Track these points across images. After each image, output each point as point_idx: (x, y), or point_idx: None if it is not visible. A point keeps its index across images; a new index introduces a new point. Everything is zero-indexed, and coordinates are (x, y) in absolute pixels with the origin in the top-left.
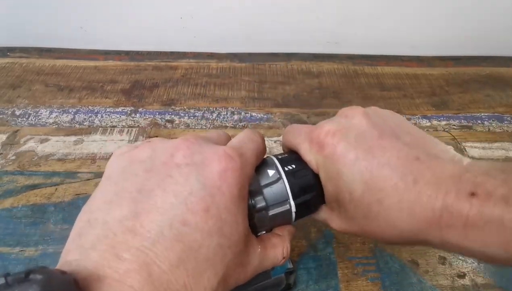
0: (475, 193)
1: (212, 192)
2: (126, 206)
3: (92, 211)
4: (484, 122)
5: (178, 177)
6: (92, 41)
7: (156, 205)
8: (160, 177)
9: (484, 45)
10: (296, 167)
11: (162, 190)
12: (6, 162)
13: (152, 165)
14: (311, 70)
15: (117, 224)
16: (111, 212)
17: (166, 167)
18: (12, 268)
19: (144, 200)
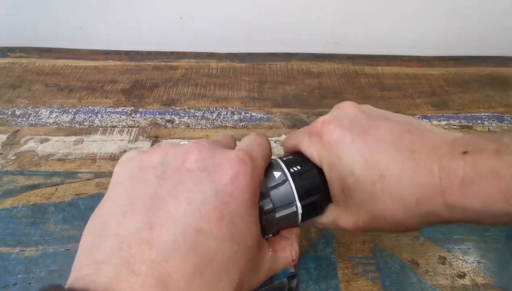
0: (467, 151)
1: (225, 198)
2: (139, 216)
3: (104, 222)
4: (484, 122)
5: (191, 184)
6: (92, 41)
7: (169, 213)
8: (172, 184)
9: (484, 45)
10: (302, 168)
11: (175, 197)
12: (6, 162)
13: (164, 170)
14: (311, 70)
15: (132, 236)
16: (124, 222)
17: (178, 173)
18: (12, 268)
19: (157, 209)
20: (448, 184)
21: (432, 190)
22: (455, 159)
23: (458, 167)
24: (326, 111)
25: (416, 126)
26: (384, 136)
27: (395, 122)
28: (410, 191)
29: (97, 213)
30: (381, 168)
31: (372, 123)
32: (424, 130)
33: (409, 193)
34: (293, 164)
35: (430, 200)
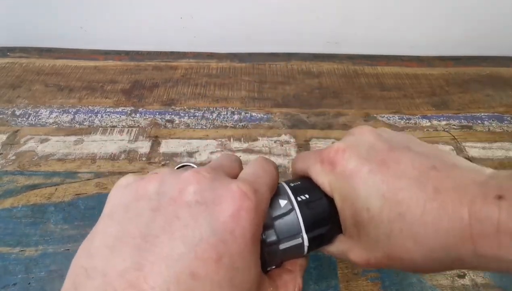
0: (503, 196)
1: (224, 237)
2: (128, 255)
3: (91, 256)
4: (484, 122)
5: (187, 219)
6: (92, 41)
7: (162, 254)
8: (167, 218)
9: (484, 45)
10: (310, 196)
11: (169, 234)
12: (6, 162)
13: (159, 202)
14: (311, 70)
15: (118, 277)
16: (111, 260)
17: (174, 205)
18: (12, 268)
19: (148, 248)
20: (480, 232)
21: (460, 237)
22: (488, 203)
23: (493, 214)
24: (326, 111)
25: (442, 161)
26: (405, 170)
27: (419, 154)
28: (433, 236)
29: (87, 245)
30: (400, 207)
31: (392, 155)
32: (451, 166)
33: (432, 237)
34: (301, 191)
35: (457, 247)
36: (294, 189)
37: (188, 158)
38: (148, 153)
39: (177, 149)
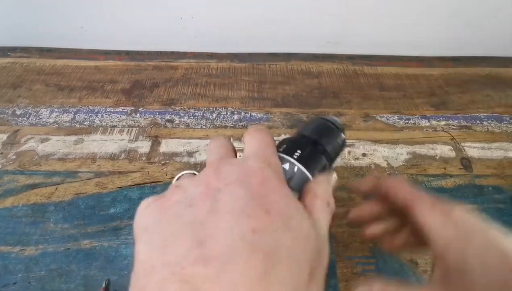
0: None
1: (262, 198)
2: (185, 239)
3: (146, 267)
4: (483, 122)
5: (225, 198)
6: (93, 41)
7: (217, 226)
8: (206, 206)
9: (484, 45)
10: (300, 150)
11: (215, 214)
12: (6, 161)
13: (192, 199)
14: (311, 70)
15: (182, 258)
16: (168, 252)
17: (207, 195)
18: (13, 267)
19: (201, 228)
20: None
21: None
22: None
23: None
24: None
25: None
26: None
27: None
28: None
29: (136, 267)
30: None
31: None
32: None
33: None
34: (292, 150)
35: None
36: (286, 152)
37: (188, 158)
38: (148, 153)
39: (177, 149)
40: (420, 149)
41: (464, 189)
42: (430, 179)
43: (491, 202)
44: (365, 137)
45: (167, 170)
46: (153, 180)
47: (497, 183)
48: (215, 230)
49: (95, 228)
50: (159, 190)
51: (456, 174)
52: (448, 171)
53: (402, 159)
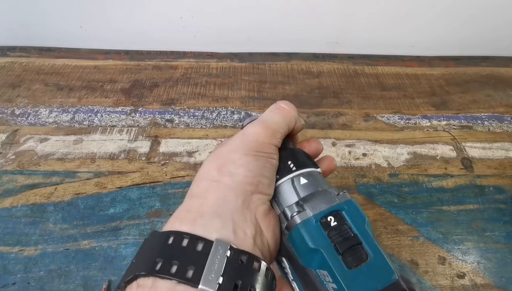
0: None
1: (250, 137)
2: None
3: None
4: (484, 122)
5: (231, 139)
6: (92, 41)
7: (226, 148)
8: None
9: (484, 45)
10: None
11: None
12: (5, 161)
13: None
14: (311, 70)
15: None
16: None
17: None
18: (12, 267)
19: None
20: None
21: None
22: None
23: None
24: (326, 111)
25: None
26: None
27: None
28: None
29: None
30: None
31: None
32: None
33: None
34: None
35: None
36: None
37: (188, 158)
38: (148, 153)
39: (176, 149)
40: (421, 148)
41: (465, 189)
42: (430, 179)
43: (492, 202)
44: (366, 137)
45: (167, 170)
46: (152, 180)
47: (498, 183)
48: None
49: (95, 228)
50: (158, 190)
51: (457, 174)
52: (449, 171)
53: (403, 159)
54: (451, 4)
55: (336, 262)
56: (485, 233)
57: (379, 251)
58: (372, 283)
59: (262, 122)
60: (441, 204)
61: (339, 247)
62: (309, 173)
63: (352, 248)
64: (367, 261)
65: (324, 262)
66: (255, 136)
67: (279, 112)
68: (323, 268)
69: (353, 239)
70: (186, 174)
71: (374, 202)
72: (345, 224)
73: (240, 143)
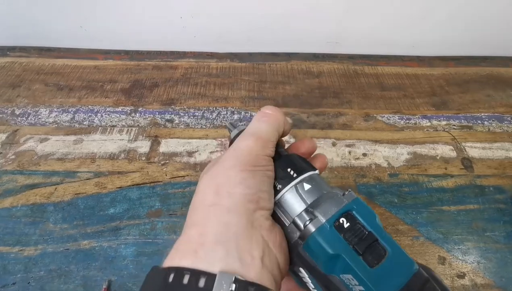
0: None
1: (243, 153)
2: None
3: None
4: (484, 122)
5: (225, 155)
6: (92, 41)
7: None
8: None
9: (484, 45)
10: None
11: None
12: (5, 161)
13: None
14: (311, 70)
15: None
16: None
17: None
18: (12, 267)
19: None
20: None
21: None
22: None
23: None
24: (326, 111)
25: None
26: None
27: None
28: None
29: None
30: None
31: None
32: None
33: None
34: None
35: None
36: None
37: (188, 158)
38: (148, 153)
39: (176, 149)
40: (421, 148)
41: (465, 189)
42: (430, 179)
43: (492, 202)
44: (366, 137)
45: (167, 170)
46: (152, 180)
47: (498, 183)
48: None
49: (95, 228)
50: (158, 190)
51: (457, 174)
52: (449, 171)
53: (403, 159)
54: (451, 4)
55: (359, 264)
56: (485, 233)
57: (395, 244)
58: (396, 278)
59: (251, 135)
60: (441, 204)
61: (358, 247)
62: (310, 177)
63: (370, 246)
64: (386, 256)
65: (347, 266)
66: (247, 150)
67: (267, 120)
68: (347, 272)
69: (369, 237)
70: (186, 174)
71: (374, 202)
72: (358, 223)
73: (234, 160)
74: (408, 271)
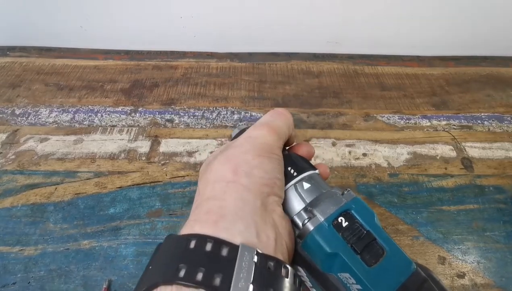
0: None
1: (257, 141)
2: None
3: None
4: (484, 122)
5: (240, 143)
6: (92, 41)
7: (236, 152)
8: (233, 145)
9: (484, 45)
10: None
11: (239, 148)
12: (6, 161)
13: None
14: (311, 70)
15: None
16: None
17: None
18: (12, 267)
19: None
20: None
21: None
22: None
23: None
24: (326, 111)
25: None
26: None
27: None
28: None
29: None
30: None
31: None
32: None
33: None
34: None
35: None
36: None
37: (188, 158)
38: (148, 152)
39: (176, 148)
40: (421, 148)
41: (465, 189)
42: (431, 179)
43: (492, 202)
44: (366, 137)
45: (167, 170)
46: (152, 180)
47: (498, 183)
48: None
49: (95, 228)
50: (158, 190)
51: (457, 174)
52: (449, 171)
53: (403, 158)
54: (451, 4)
55: (357, 263)
56: (485, 233)
57: (393, 243)
58: (394, 277)
59: (265, 125)
60: (441, 204)
61: (355, 246)
62: (310, 176)
63: (368, 245)
64: (384, 256)
65: (344, 264)
66: (263, 139)
67: (279, 117)
68: (345, 271)
69: (367, 236)
70: (186, 174)
71: (374, 202)
72: (356, 222)
73: (250, 146)
74: (406, 270)
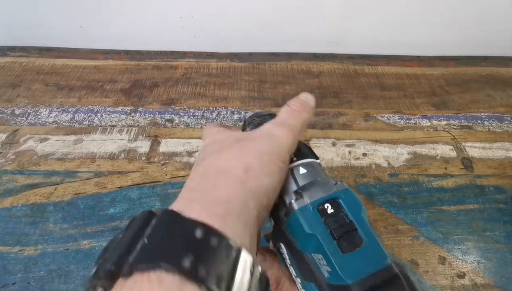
0: None
1: (272, 141)
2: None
3: None
4: (484, 122)
5: (256, 138)
6: (92, 41)
7: (252, 146)
8: (248, 137)
9: (484, 45)
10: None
11: (252, 141)
12: (5, 161)
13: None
14: (311, 70)
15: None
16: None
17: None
18: (12, 267)
19: (243, 146)
20: None
21: None
22: None
23: None
24: (326, 111)
25: None
26: None
27: None
28: None
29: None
30: None
31: None
32: None
33: None
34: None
35: None
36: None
37: (188, 158)
38: (148, 152)
39: (176, 148)
40: (421, 148)
41: (465, 189)
42: (431, 179)
43: (492, 202)
44: (366, 137)
45: (167, 169)
46: (152, 180)
47: (498, 183)
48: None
49: (95, 228)
50: (158, 190)
51: (457, 174)
52: (449, 171)
53: (403, 158)
54: (451, 4)
55: (331, 246)
56: (485, 233)
57: (374, 237)
58: (365, 267)
59: (287, 127)
60: (441, 204)
61: (334, 232)
62: (308, 163)
63: (347, 233)
64: (361, 246)
65: (319, 246)
66: (282, 144)
67: (296, 117)
68: (318, 252)
69: (348, 225)
70: (186, 174)
71: (374, 202)
72: (342, 211)
73: (268, 146)
74: (379, 263)
